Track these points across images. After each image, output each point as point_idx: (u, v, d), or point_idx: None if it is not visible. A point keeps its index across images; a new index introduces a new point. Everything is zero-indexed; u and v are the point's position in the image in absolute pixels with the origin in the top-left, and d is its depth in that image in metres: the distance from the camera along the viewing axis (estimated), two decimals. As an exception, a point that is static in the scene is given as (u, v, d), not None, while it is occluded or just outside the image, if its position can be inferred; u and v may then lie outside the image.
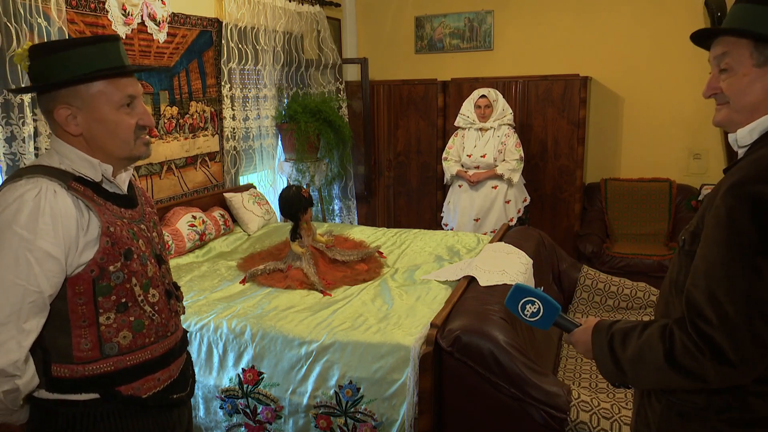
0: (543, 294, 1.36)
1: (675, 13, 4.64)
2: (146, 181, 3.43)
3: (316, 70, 4.99)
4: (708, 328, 1.04)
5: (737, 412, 1.11)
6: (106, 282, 1.26)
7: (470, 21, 5.26)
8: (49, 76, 1.24)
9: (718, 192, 1.11)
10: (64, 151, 1.29)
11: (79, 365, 1.25)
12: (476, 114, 4.34)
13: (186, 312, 2.56)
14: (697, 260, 1.10)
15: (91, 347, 1.26)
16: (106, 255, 1.26)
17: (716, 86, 1.19)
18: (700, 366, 1.05)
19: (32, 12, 2.60)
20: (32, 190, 1.19)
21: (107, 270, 1.26)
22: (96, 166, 1.29)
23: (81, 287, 1.24)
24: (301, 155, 4.47)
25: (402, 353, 2.22)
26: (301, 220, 3.02)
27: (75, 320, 1.24)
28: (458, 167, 4.39)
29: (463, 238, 3.62)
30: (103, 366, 1.27)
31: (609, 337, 1.21)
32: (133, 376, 1.32)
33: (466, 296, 2.56)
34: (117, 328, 1.29)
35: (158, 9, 3.35)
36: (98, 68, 1.25)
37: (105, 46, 1.27)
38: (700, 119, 4.72)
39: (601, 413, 2.03)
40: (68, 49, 1.24)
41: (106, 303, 1.27)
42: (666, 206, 4.75)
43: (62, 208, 1.20)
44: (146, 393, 1.34)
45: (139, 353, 1.33)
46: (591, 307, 3.33)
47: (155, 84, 3.44)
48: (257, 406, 2.38)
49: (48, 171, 1.24)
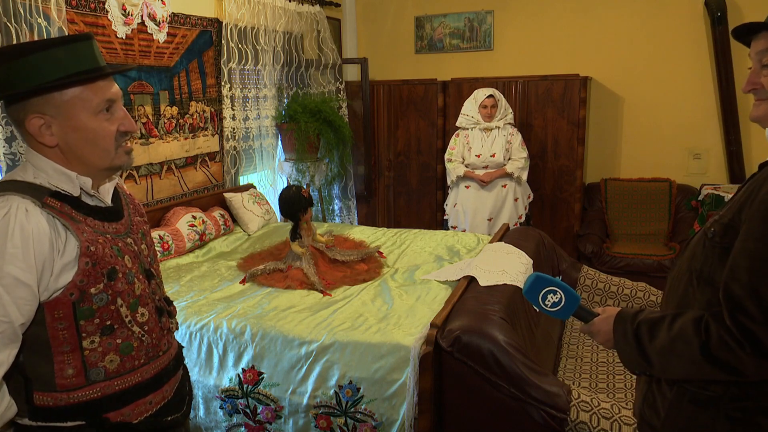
0: (564, 284, 1.36)
1: (675, 13, 4.64)
2: (146, 181, 3.43)
3: (316, 70, 4.99)
4: (750, 322, 1.04)
5: (753, 401, 1.13)
6: (87, 305, 1.17)
7: (470, 21, 5.26)
8: (16, 83, 1.12)
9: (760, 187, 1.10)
10: (39, 163, 1.19)
11: (62, 393, 1.18)
12: (482, 114, 4.32)
13: (185, 312, 2.57)
14: (737, 254, 1.09)
15: (75, 373, 1.18)
16: (87, 277, 1.16)
17: (757, 81, 1.18)
18: (738, 359, 1.06)
19: (32, 12, 2.60)
20: (0, 210, 1.10)
21: (88, 292, 1.17)
22: (73, 179, 1.20)
23: (60, 312, 1.15)
24: (301, 155, 4.47)
25: (402, 353, 2.22)
26: (301, 220, 3.02)
27: (56, 346, 1.16)
28: (464, 168, 4.37)
29: (463, 238, 3.62)
30: (89, 393, 1.20)
31: (635, 327, 1.21)
32: (122, 401, 1.24)
33: (466, 296, 2.56)
34: (103, 352, 1.20)
35: (158, 9, 3.35)
36: (72, 72, 1.14)
37: (77, 47, 1.16)
38: (700, 119, 4.72)
39: (601, 413, 2.03)
40: (36, 52, 1.12)
41: (89, 326, 1.18)
42: (666, 206, 4.75)
43: (34, 229, 1.11)
44: (137, 418, 1.27)
45: (128, 377, 1.25)
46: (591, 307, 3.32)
47: (155, 84, 3.44)
48: (257, 406, 2.38)
49: (20, 187, 1.15)
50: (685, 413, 1.20)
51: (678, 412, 1.21)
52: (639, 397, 1.35)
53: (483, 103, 4.31)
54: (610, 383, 2.64)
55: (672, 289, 1.29)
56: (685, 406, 1.20)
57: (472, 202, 4.36)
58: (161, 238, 3.19)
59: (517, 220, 4.36)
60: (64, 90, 1.15)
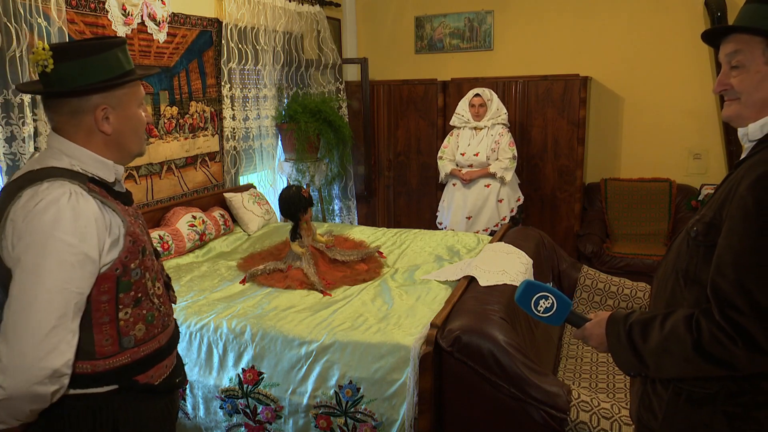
0: (555, 289, 1.37)
1: (675, 13, 4.64)
2: (146, 181, 3.43)
3: (316, 70, 4.99)
4: (739, 317, 1.06)
5: (749, 396, 1.14)
6: (127, 279, 1.31)
7: (470, 21, 5.26)
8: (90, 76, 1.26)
9: (738, 184, 1.12)
10: (75, 152, 1.30)
11: (100, 360, 1.29)
12: (470, 113, 4.37)
13: (185, 312, 2.57)
14: (722, 251, 1.11)
15: (111, 342, 1.30)
16: (130, 253, 1.30)
17: (727, 82, 1.22)
18: (731, 354, 1.07)
19: (32, 12, 2.60)
20: (65, 194, 1.20)
21: (129, 267, 1.31)
22: (110, 167, 1.34)
23: (105, 286, 1.27)
24: (301, 155, 4.47)
25: (402, 353, 2.22)
26: (301, 220, 3.02)
27: (97, 318, 1.28)
28: (452, 166, 4.43)
29: (463, 238, 3.62)
30: (122, 359, 1.32)
31: (627, 329, 1.22)
32: (147, 365, 1.38)
33: (466, 296, 2.56)
34: (133, 321, 1.34)
35: (158, 9, 3.35)
36: (127, 69, 1.32)
37: (125, 49, 1.34)
38: (699, 119, 4.72)
39: (601, 413, 2.03)
40: (105, 51, 1.28)
41: (126, 299, 1.31)
42: (666, 206, 4.75)
43: (90, 210, 1.23)
44: (158, 380, 1.42)
45: (151, 343, 1.39)
46: (591, 307, 3.33)
47: (155, 84, 3.44)
48: (257, 406, 2.38)
49: (66, 173, 1.25)
50: (682, 413, 1.21)
51: (675, 412, 1.22)
52: (635, 400, 1.35)
53: (471, 102, 4.36)
54: (610, 383, 2.64)
55: (659, 291, 1.30)
56: (681, 406, 1.21)
57: (454, 199, 4.43)
58: (161, 238, 3.19)
59: (499, 221, 4.33)
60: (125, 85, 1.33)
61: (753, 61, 1.17)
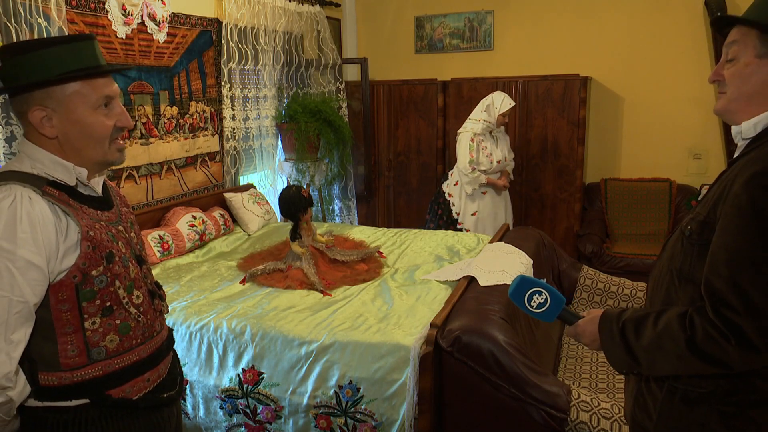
0: (549, 285, 1.37)
1: (675, 13, 4.64)
2: (146, 181, 3.43)
3: (316, 70, 4.99)
4: (733, 315, 1.06)
5: (743, 394, 1.14)
6: (89, 287, 1.24)
7: (470, 21, 5.26)
8: (20, 77, 1.21)
9: (732, 182, 1.12)
10: (36, 155, 1.26)
11: (66, 372, 1.24)
12: (499, 121, 4.18)
13: (185, 312, 2.57)
14: (716, 249, 1.11)
15: (77, 353, 1.25)
16: (88, 260, 1.24)
17: (720, 73, 1.22)
18: (724, 352, 1.07)
19: (32, 12, 2.60)
20: (6, 198, 1.16)
21: (90, 275, 1.24)
22: (70, 169, 1.27)
23: (64, 294, 1.22)
24: (301, 155, 4.47)
25: (402, 353, 2.22)
26: (301, 220, 3.02)
27: (60, 327, 1.22)
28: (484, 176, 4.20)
29: (463, 238, 3.62)
30: (92, 371, 1.26)
31: (620, 326, 1.22)
32: (122, 378, 1.31)
33: (466, 296, 2.56)
34: (103, 332, 1.27)
35: (158, 9, 3.35)
36: (73, 68, 1.22)
37: (79, 46, 1.24)
38: (700, 119, 4.72)
39: (601, 413, 2.03)
40: (41, 49, 1.21)
41: (91, 308, 1.25)
42: (666, 206, 4.75)
43: (39, 215, 1.18)
44: (137, 395, 1.35)
45: (127, 355, 1.32)
46: (591, 307, 3.33)
47: (155, 84, 3.44)
48: (257, 406, 2.38)
49: (20, 177, 1.21)
50: (677, 413, 1.21)
51: (670, 412, 1.22)
52: (629, 399, 1.35)
53: (506, 113, 4.17)
54: (610, 383, 2.64)
55: (655, 290, 1.30)
56: (676, 406, 1.21)
57: (491, 208, 4.27)
58: (161, 238, 3.19)
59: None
60: (65, 85, 1.23)
61: (745, 54, 1.17)
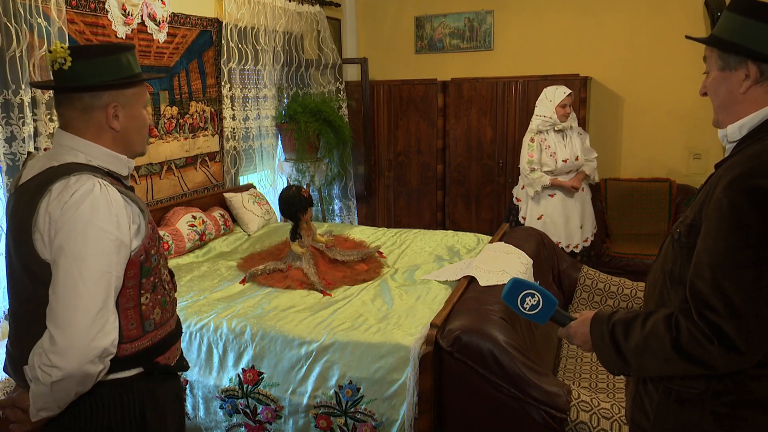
0: (541, 288, 1.39)
1: (675, 13, 4.64)
2: (146, 181, 3.43)
3: (316, 70, 4.99)
4: (716, 317, 1.08)
5: (735, 395, 1.15)
6: (149, 264, 1.38)
7: (470, 21, 5.26)
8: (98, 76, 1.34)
9: (715, 186, 1.15)
10: (87, 149, 1.36)
11: (126, 344, 1.35)
12: (558, 114, 3.89)
13: (186, 311, 2.57)
14: (700, 252, 1.13)
15: (135, 326, 1.38)
16: (151, 240, 1.38)
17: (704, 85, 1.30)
18: (708, 354, 1.09)
19: (32, 12, 2.60)
20: (96, 186, 1.28)
21: (150, 253, 1.38)
22: (123, 161, 1.42)
23: (131, 271, 1.34)
24: (301, 155, 4.47)
25: (402, 353, 2.22)
26: (301, 220, 3.02)
27: (123, 303, 1.34)
28: (548, 177, 3.94)
29: (463, 238, 3.62)
30: (144, 342, 1.39)
31: (610, 328, 1.24)
32: (164, 347, 1.46)
33: (466, 296, 2.56)
34: (152, 306, 1.41)
35: (158, 9, 3.35)
36: (135, 72, 1.41)
37: (134, 53, 1.44)
38: (699, 119, 4.71)
39: (601, 413, 2.03)
40: (119, 53, 1.38)
41: (147, 284, 1.39)
42: (666, 206, 4.74)
43: (116, 199, 1.30)
44: (173, 361, 1.50)
45: (166, 326, 1.47)
46: (591, 307, 3.33)
47: (155, 84, 3.44)
48: (257, 406, 2.38)
49: (87, 168, 1.32)
50: (672, 413, 1.22)
51: (666, 412, 1.23)
52: (628, 400, 1.37)
53: (562, 102, 3.88)
54: (610, 383, 2.64)
55: (650, 292, 1.32)
56: (671, 406, 1.22)
57: (561, 211, 3.99)
58: (161, 238, 3.19)
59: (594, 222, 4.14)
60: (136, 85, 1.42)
61: (712, 68, 1.25)
